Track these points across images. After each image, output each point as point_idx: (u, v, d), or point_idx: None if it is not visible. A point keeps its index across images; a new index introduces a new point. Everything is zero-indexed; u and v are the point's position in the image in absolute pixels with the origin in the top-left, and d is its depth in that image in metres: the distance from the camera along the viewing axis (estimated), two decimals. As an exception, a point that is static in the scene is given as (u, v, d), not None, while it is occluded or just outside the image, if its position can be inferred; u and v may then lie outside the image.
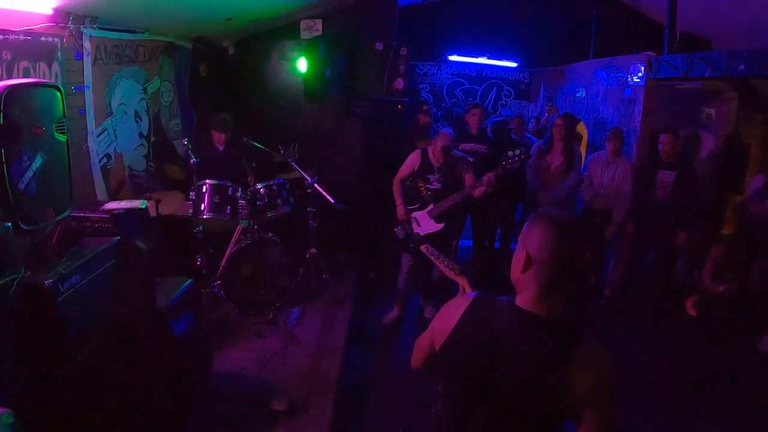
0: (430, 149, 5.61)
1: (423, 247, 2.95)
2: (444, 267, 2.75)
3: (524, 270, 1.80)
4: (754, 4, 6.93)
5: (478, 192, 5.23)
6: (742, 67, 5.31)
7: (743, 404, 4.96)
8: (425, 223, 5.59)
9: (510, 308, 1.83)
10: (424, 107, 8.32)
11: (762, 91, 6.80)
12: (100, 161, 5.28)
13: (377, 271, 6.91)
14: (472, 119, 6.77)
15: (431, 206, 5.52)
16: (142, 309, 3.63)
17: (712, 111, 7.53)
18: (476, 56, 9.70)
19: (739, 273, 6.06)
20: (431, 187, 5.56)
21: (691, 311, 6.53)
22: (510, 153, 5.12)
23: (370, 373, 5.02)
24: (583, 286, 1.93)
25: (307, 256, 6.01)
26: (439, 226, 5.53)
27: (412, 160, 5.67)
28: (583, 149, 8.16)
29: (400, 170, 5.75)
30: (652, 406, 4.84)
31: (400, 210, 5.68)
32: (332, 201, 5.46)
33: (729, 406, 4.91)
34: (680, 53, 6.26)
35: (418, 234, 5.59)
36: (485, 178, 5.12)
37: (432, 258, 2.84)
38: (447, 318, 1.94)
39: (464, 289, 2.51)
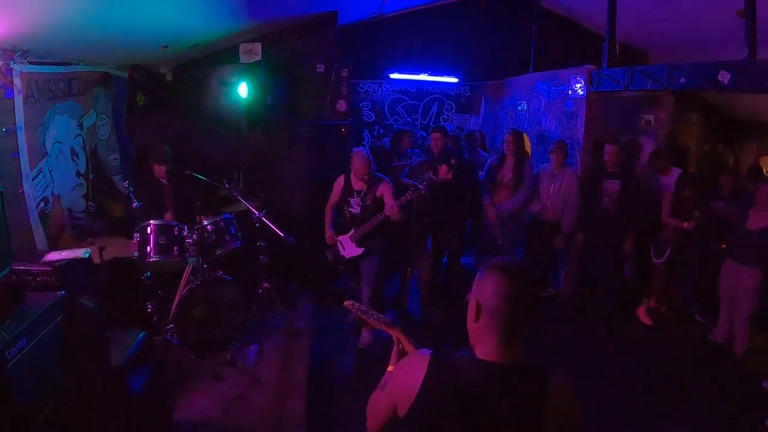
0: (353, 173, 5.77)
1: (347, 304, 2.77)
2: (373, 321, 2.59)
3: (477, 319, 1.81)
4: (686, 16, 7.17)
5: (395, 216, 5.46)
6: (682, 80, 5.45)
7: (704, 399, 5.19)
8: (348, 248, 5.87)
9: (472, 363, 1.80)
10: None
11: (696, 92, 7.03)
12: (37, 206, 5.04)
13: (331, 298, 6.82)
14: (435, 143, 6.75)
15: (352, 231, 5.81)
16: (96, 369, 3.47)
17: (651, 117, 7.76)
18: (417, 73, 9.71)
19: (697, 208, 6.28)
20: (352, 210, 5.84)
21: (645, 319, 6.68)
22: (423, 176, 5.65)
23: (336, 408, 4.91)
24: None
25: (260, 291, 5.90)
26: (360, 250, 5.81)
27: (338, 185, 5.94)
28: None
29: (331, 195, 6.00)
30: (614, 408, 4.95)
31: (327, 233, 5.96)
32: (282, 235, 5.38)
33: (690, 404, 5.12)
34: (620, 66, 6.38)
35: (343, 257, 5.89)
36: (403, 198, 5.50)
37: (359, 314, 2.68)
38: (407, 382, 1.86)
39: (399, 341, 2.42)
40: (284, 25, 7.55)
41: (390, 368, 2.30)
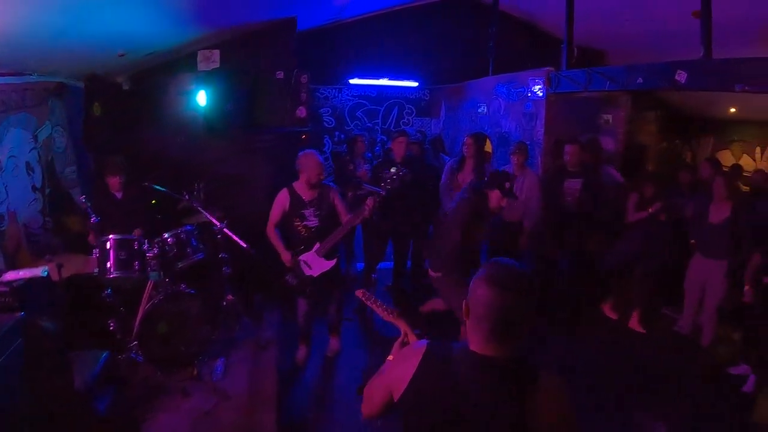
0: (296, 184, 5.31)
1: (358, 293, 2.88)
2: (382, 311, 2.69)
3: (467, 317, 1.89)
4: (643, 17, 7.30)
5: (362, 219, 5.17)
6: (640, 80, 5.54)
7: (673, 390, 5.33)
8: (316, 264, 5.29)
9: (465, 354, 1.87)
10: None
11: (653, 91, 7.17)
12: (-8, 223, 4.92)
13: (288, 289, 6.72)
14: (399, 147, 6.72)
15: (317, 245, 5.25)
16: (59, 392, 3.39)
17: (610, 116, 7.91)
18: (377, 78, 9.71)
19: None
20: (309, 224, 5.27)
21: (610, 314, 6.80)
22: (388, 173, 5.17)
23: (307, 420, 4.87)
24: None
25: (225, 303, 5.78)
26: (332, 263, 5.31)
27: (281, 201, 5.29)
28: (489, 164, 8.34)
29: (270, 216, 5.33)
30: (583, 403, 4.94)
31: (286, 256, 5.24)
32: (244, 246, 5.29)
33: (660, 395, 5.23)
34: (579, 68, 6.47)
35: (311, 276, 5.29)
36: (367, 204, 5.03)
37: (369, 303, 2.77)
38: (403, 368, 1.95)
39: (405, 333, 2.48)
40: (243, 32, 7.48)
41: (390, 357, 2.36)
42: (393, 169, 5.09)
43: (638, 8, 7.17)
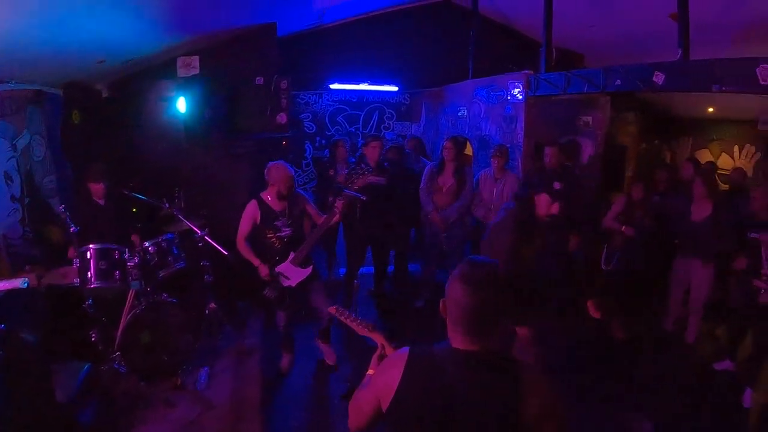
0: (265, 195, 5.25)
1: (331, 310, 2.88)
2: (356, 326, 2.69)
3: (444, 314, 1.97)
4: (620, 20, 7.37)
5: (334, 222, 5.15)
6: (618, 82, 5.60)
7: (658, 386, 5.43)
8: (293, 274, 5.22)
9: (449, 353, 1.94)
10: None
11: (632, 92, 7.24)
12: (-30, 234, 4.86)
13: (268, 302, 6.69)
14: (372, 152, 6.71)
15: (292, 254, 5.21)
16: (41, 406, 3.37)
17: (589, 118, 7.98)
18: (357, 83, 9.69)
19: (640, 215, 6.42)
20: (282, 234, 5.22)
21: (594, 313, 6.83)
22: (353, 172, 5.26)
23: (291, 427, 4.83)
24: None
25: (207, 311, 5.76)
26: (308, 270, 5.26)
27: (251, 213, 5.21)
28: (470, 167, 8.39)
29: (240, 228, 5.23)
30: (567, 399, 5.03)
31: (263, 270, 5.14)
32: (226, 253, 5.26)
33: (645, 391, 5.33)
34: (558, 71, 6.51)
35: (290, 287, 5.22)
36: (336, 206, 5.04)
37: (343, 319, 2.77)
38: (388, 376, 1.98)
39: (382, 346, 2.49)
40: (222, 38, 7.44)
41: (370, 371, 2.37)
42: (356, 168, 5.22)
43: (616, 11, 7.24)
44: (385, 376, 2.01)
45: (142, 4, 4.97)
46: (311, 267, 5.29)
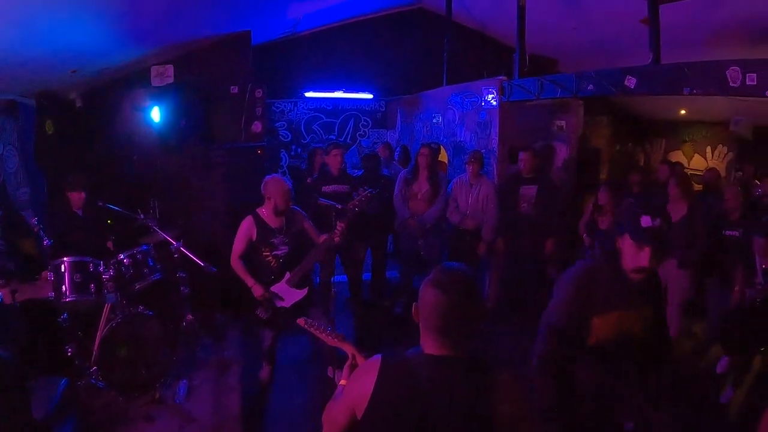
0: (261, 210, 4.98)
1: (300, 321, 2.84)
2: (326, 337, 2.68)
3: (417, 319, 1.99)
4: (592, 25, 7.48)
5: (336, 239, 4.92)
6: (590, 86, 5.66)
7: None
8: (288, 295, 4.95)
9: (421, 358, 1.95)
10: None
11: (604, 96, 7.33)
12: (-59, 248, 4.79)
13: (258, 322, 6.61)
14: (334, 160, 6.72)
15: (288, 275, 4.96)
16: (18, 424, 3.32)
17: (563, 123, 8.06)
18: (332, 90, 9.73)
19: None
20: (278, 253, 4.97)
21: None
22: (356, 194, 5.08)
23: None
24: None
25: (184, 323, 5.71)
26: (304, 291, 4.99)
27: (247, 230, 4.92)
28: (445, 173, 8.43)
29: (234, 245, 4.95)
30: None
31: (258, 290, 4.84)
32: (202, 264, 5.17)
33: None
34: (531, 76, 6.58)
35: (283, 308, 4.95)
36: (338, 229, 4.86)
37: (311, 329, 2.76)
38: (362, 384, 1.99)
39: (353, 356, 2.50)
40: (196, 47, 7.43)
41: (342, 382, 2.36)
42: (361, 190, 5.04)
43: (588, 16, 7.34)
44: (358, 385, 2.01)
45: (115, 14, 4.95)
46: (307, 288, 5.03)
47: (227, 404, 5.00)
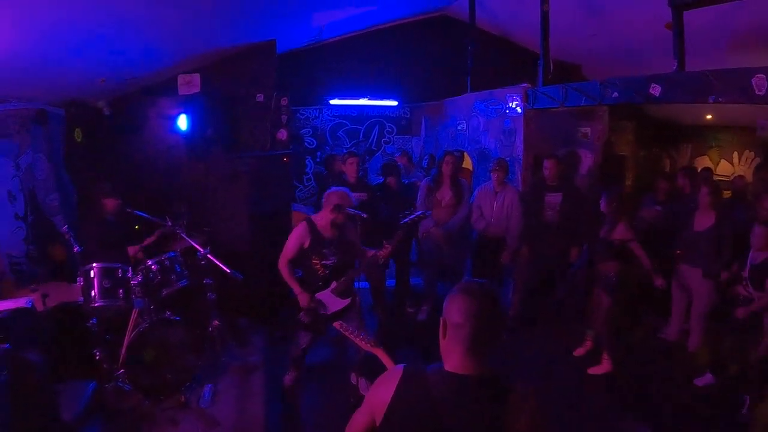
0: (316, 219, 5.04)
1: (336, 325, 2.97)
2: (359, 341, 2.79)
3: (444, 336, 1.98)
4: (616, 30, 7.42)
5: (383, 257, 5.02)
6: (615, 94, 5.61)
7: (659, 398, 5.40)
8: (331, 303, 5.04)
9: (440, 375, 1.96)
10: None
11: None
12: (-26, 253, 4.92)
13: (284, 329, 6.57)
14: (350, 168, 6.82)
15: (334, 284, 5.00)
16: (47, 426, 3.41)
17: (588, 129, 7.99)
18: (357, 98, 9.77)
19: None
20: (327, 262, 5.01)
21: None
22: (407, 214, 5.12)
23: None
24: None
25: (210, 329, 5.76)
26: (346, 302, 5.07)
27: (300, 237, 4.96)
28: (469, 180, 8.43)
29: (285, 249, 5.00)
30: (568, 415, 5.08)
31: (304, 298, 4.91)
32: (228, 271, 5.22)
33: (646, 403, 5.32)
34: (555, 83, 6.55)
35: (325, 315, 5.02)
36: (386, 246, 4.91)
37: (347, 334, 2.88)
38: (381, 393, 2.02)
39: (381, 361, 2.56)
40: (222, 56, 7.52)
41: None
42: (409, 213, 5.11)
43: (612, 21, 7.29)
44: (379, 392, 2.04)
45: (144, 25, 5.03)
46: (349, 299, 5.12)
47: (251, 409, 5.06)
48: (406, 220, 5.08)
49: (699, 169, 8.99)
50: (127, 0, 4.29)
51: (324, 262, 4.99)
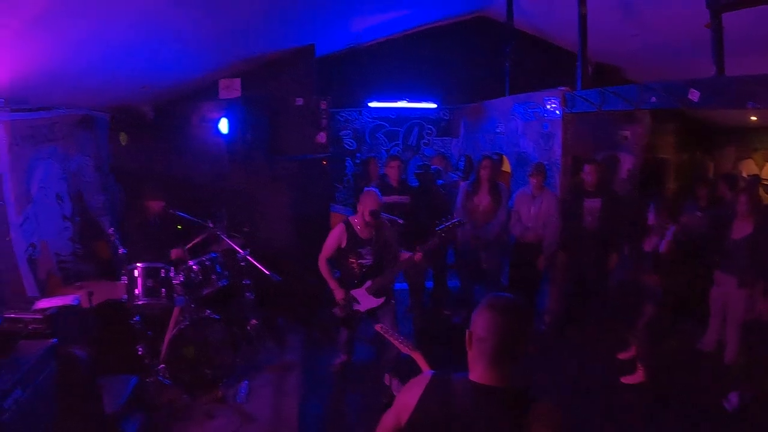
0: (354, 220, 5.34)
1: (377, 327, 3.09)
2: (398, 343, 2.89)
3: (469, 346, 2.03)
4: (656, 30, 7.30)
5: (417, 260, 5.16)
6: (653, 99, 5.50)
7: (694, 411, 5.26)
8: (365, 300, 5.33)
9: (465, 384, 2.00)
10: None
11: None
12: (25, 252, 5.10)
13: (320, 329, 6.75)
14: (392, 171, 6.85)
15: (368, 282, 5.29)
16: (90, 418, 3.53)
17: (628, 132, 7.87)
18: (396, 100, 9.82)
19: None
20: (364, 262, 5.32)
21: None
22: (444, 221, 5.15)
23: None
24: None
25: (248, 327, 5.90)
26: (380, 301, 5.32)
27: (337, 237, 5.30)
28: (508, 184, 8.37)
29: (324, 247, 5.36)
30: (603, 426, 5.05)
31: (339, 294, 5.30)
32: (267, 273, 5.37)
33: (679, 416, 5.19)
34: (594, 85, 6.47)
35: (358, 311, 5.37)
36: (419, 250, 5.09)
37: (387, 336, 2.98)
38: (409, 396, 2.08)
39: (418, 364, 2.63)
40: (262, 61, 7.65)
41: None
42: (447, 221, 5.16)
43: (651, 22, 7.19)
44: (406, 396, 2.10)
45: (186, 35, 5.16)
46: (384, 298, 5.36)
47: (285, 407, 5.16)
48: (442, 227, 5.14)
49: (746, 174, 8.78)
50: (170, 12, 4.41)
51: (360, 261, 5.28)
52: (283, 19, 6.11)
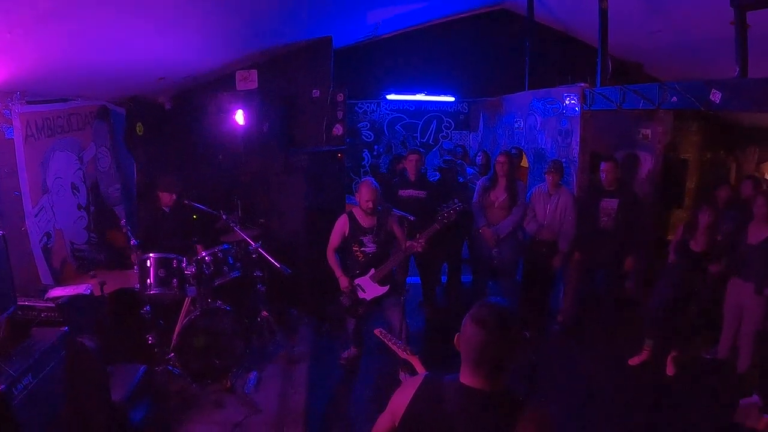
0: (356, 210, 5.56)
1: (376, 331, 3.09)
2: (396, 348, 2.89)
3: (458, 349, 2.03)
4: (678, 27, 7.19)
5: (419, 248, 5.25)
6: (674, 99, 5.42)
7: (704, 419, 5.17)
8: (369, 288, 5.52)
9: (454, 386, 2.02)
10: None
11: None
12: (40, 241, 5.16)
13: (331, 322, 6.76)
14: (411, 165, 6.82)
15: (372, 270, 5.48)
16: (98, 405, 3.57)
17: (648, 131, 7.73)
18: (414, 93, 9.78)
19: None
20: (366, 250, 5.53)
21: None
22: (445, 206, 5.22)
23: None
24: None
25: (259, 319, 5.94)
26: (384, 289, 5.48)
27: (341, 226, 5.59)
28: (526, 180, 8.31)
29: (330, 239, 5.63)
30: (612, 425, 4.99)
31: (343, 281, 5.52)
32: (278, 266, 5.38)
33: (686, 423, 5.12)
34: (615, 82, 6.38)
35: (364, 299, 5.53)
36: (420, 240, 5.21)
37: (385, 341, 2.97)
38: (402, 396, 2.12)
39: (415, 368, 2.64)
40: (279, 53, 7.64)
41: None
42: (451, 203, 5.21)
43: (673, 18, 7.07)
44: (399, 396, 2.13)
45: (203, 26, 5.16)
46: (388, 287, 5.51)
47: (293, 398, 5.17)
48: (443, 211, 5.21)
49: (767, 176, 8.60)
50: (189, 4, 4.42)
51: (363, 249, 5.50)
52: (301, 10, 6.10)
